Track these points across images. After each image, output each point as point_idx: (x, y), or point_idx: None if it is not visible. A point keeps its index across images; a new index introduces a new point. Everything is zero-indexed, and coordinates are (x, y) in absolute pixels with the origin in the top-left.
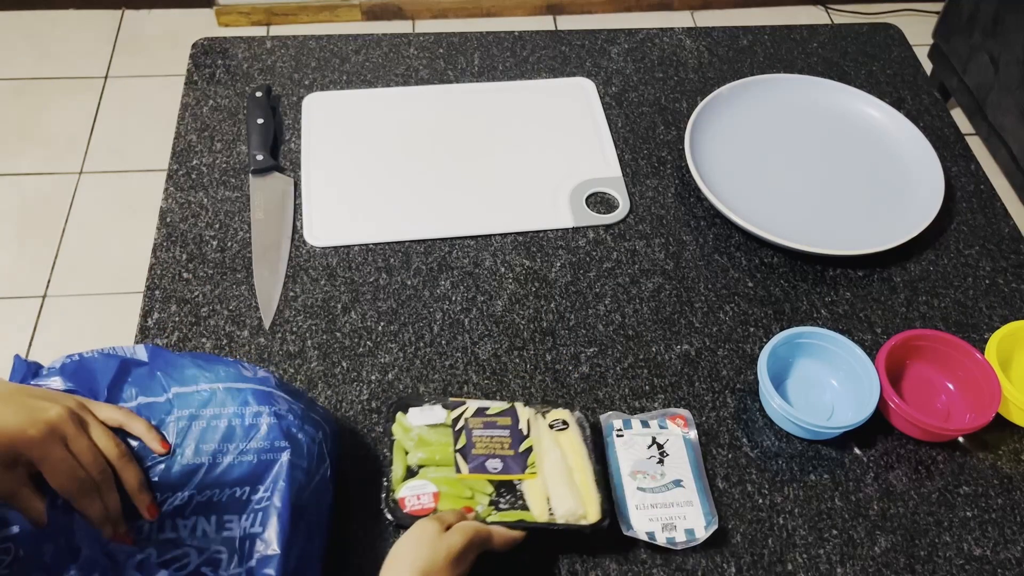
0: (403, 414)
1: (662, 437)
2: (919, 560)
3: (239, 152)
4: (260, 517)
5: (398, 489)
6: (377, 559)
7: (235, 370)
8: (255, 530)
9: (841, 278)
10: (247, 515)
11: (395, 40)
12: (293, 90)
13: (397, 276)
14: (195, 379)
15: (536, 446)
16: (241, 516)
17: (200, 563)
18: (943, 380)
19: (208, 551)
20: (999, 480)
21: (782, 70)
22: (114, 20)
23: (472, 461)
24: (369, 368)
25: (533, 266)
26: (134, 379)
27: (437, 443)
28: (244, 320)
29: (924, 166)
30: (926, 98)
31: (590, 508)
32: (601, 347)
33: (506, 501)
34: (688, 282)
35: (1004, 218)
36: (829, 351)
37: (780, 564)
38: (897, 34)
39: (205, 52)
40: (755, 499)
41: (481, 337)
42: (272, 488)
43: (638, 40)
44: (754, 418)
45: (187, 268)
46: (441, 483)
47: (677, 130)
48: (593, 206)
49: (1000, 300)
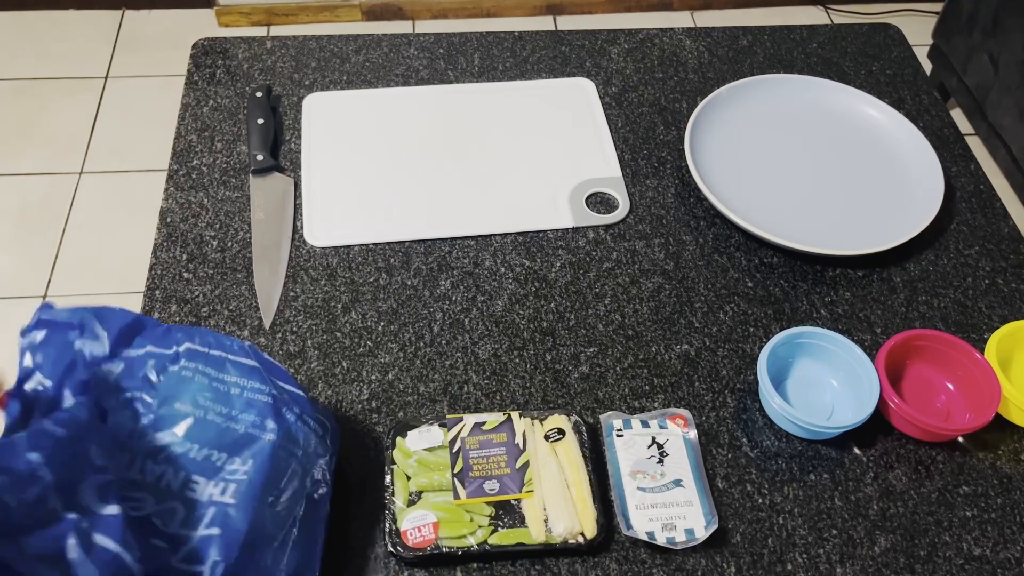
0: (402, 439)
1: (662, 437)
2: (919, 560)
3: (239, 152)
4: (231, 489)
5: (401, 520)
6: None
7: (253, 352)
8: (220, 499)
9: (841, 278)
10: (216, 482)
11: (395, 40)
12: (293, 90)
13: (397, 276)
14: (209, 344)
15: (533, 461)
16: (210, 481)
17: (152, 512)
18: (943, 380)
19: (165, 503)
20: (999, 480)
21: (782, 70)
22: (114, 20)
23: (470, 485)
24: (369, 368)
25: (533, 266)
26: (148, 334)
27: (436, 466)
28: (244, 320)
29: (924, 166)
30: (926, 98)
31: (587, 525)
32: (601, 347)
33: (505, 523)
34: (688, 282)
35: (1004, 218)
36: (829, 351)
37: (780, 564)
38: (897, 34)
39: (205, 52)
40: (755, 499)
41: (481, 337)
42: (252, 463)
43: (638, 40)
44: (754, 418)
45: (187, 268)
46: (441, 509)
47: (677, 130)
48: (593, 206)
49: (1000, 300)
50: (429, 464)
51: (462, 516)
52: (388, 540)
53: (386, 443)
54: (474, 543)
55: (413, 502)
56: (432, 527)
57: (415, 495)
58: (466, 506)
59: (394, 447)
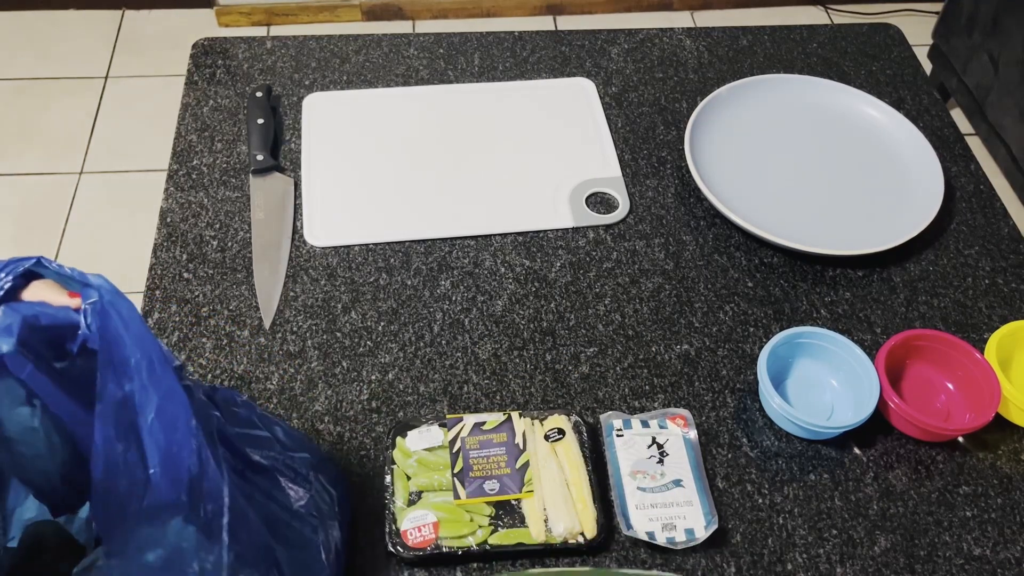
0: (402, 439)
1: (662, 437)
2: (919, 560)
3: (239, 152)
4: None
5: (401, 520)
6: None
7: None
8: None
9: (841, 278)
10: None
11: (395, 40)
12: (293, 90)
13: (397, 276)
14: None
15: (533, 461)
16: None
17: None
18: (943, 380)
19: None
20: (999, 480)
21: (782, 70)
22: (114, 20)
23: (470, 485)
24: (369, 368)
25: (533, 266)
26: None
27: (436, 466)
28: (244, 320)
29: (924, 166)
30: (926, 98)
31: (586, 524)
32: (601, 347)
33: (505, 523)
34: (688, 282)
35: (1004, 218)
36: (829, 351)
37: (780, 564)
38: (897, 34)
39: (205, 52)
40: (755, 499)
41: (481, 337)
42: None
43: (638, 40)
44: (754, 418)
45: (187, 268)
46: (441, 509)
47: (677, 130)
48: (593, 206)
49: (1000, 300)
50: (429, 464)
51: (462, 516)
52: (388, 540)
53: (386, 443)
54: (474, 543)
55: (413, 502)
56: (432, 527)
57: (415, 495)
58: (466, 506)
59: (394, 447)
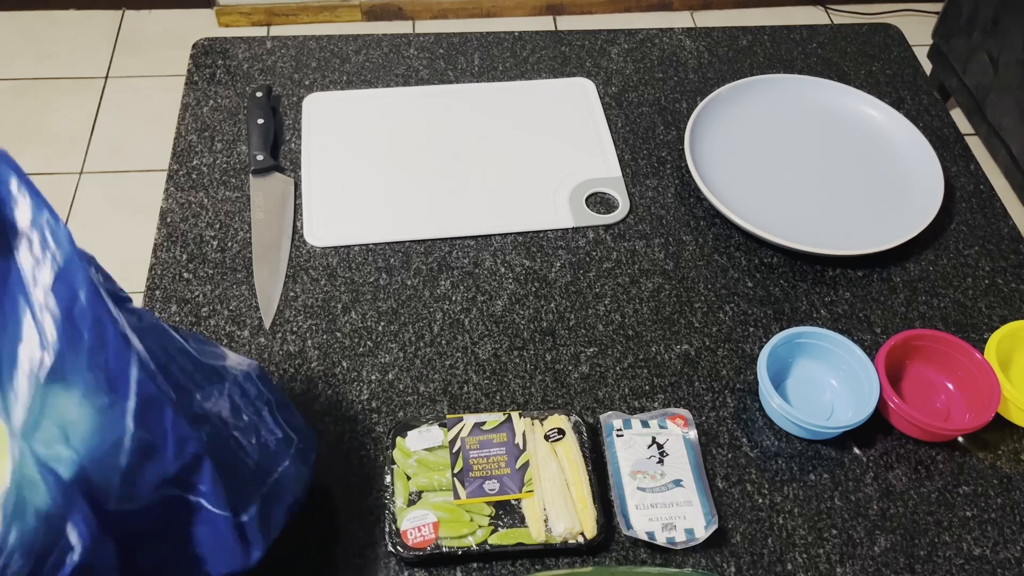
0: (402, 439)
1: (662, 437)
2: (919, 560)
3: (239, 152)
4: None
5: (401, 520)
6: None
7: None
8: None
9: (841, 278)
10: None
11: (395, 40)
12: (293, 90)
13: (397, 276)
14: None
15: (532, 461)
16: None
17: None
18: (943, 380)
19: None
20: (999, 480)
21: (782, 70)
22: (114, 20)
23: (470, 485)
24: (369, 368)
25: (533, 266)
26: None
27: (436, 466)
28: (244, 320)
29: (923, 166)
30: (925, 98)
31: (586, 524)
32: (601, 347)
33: (505, 523)
34: (688, 282)
35: (1004, 218)
36: (829, 351)
37: (780, 564)
38: (897, 34)
39: (205, 52)
40: (755, 499)
41: (481, 337)
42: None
43: (638, 40)
44: (754, 418)
45: (187, 268)
46: (441, 509)
47: (677, 130)
48: (593, 206)
49: (1000, 300)
50: (429, 464)
51: (462, 516)
52: (388, 540)
53: (386, 443)
54: (474, 543)
55: (413, 502)
56: (432, 527)
57: (415, 495)
58: (466, 506)
59: (394, 447)
